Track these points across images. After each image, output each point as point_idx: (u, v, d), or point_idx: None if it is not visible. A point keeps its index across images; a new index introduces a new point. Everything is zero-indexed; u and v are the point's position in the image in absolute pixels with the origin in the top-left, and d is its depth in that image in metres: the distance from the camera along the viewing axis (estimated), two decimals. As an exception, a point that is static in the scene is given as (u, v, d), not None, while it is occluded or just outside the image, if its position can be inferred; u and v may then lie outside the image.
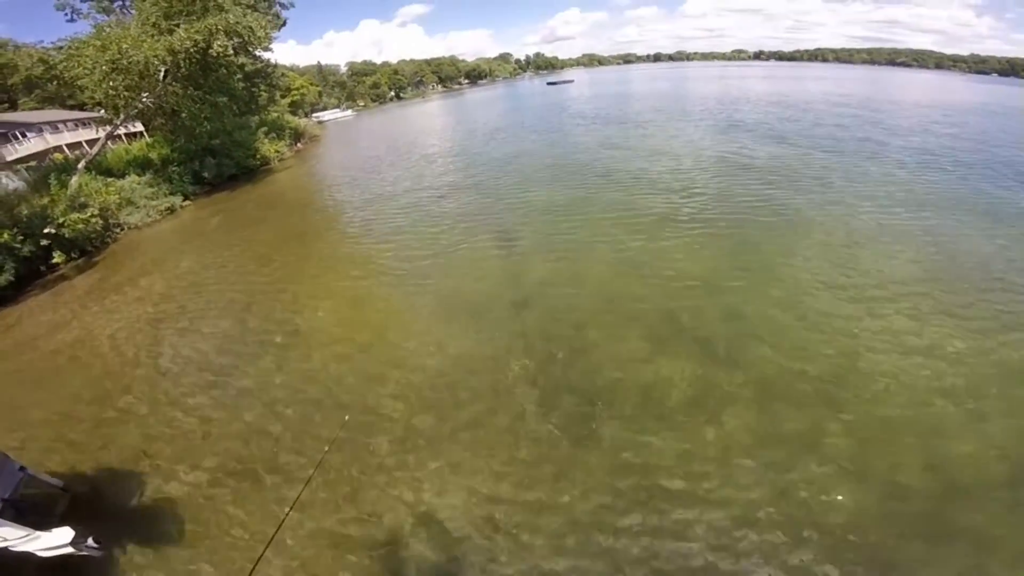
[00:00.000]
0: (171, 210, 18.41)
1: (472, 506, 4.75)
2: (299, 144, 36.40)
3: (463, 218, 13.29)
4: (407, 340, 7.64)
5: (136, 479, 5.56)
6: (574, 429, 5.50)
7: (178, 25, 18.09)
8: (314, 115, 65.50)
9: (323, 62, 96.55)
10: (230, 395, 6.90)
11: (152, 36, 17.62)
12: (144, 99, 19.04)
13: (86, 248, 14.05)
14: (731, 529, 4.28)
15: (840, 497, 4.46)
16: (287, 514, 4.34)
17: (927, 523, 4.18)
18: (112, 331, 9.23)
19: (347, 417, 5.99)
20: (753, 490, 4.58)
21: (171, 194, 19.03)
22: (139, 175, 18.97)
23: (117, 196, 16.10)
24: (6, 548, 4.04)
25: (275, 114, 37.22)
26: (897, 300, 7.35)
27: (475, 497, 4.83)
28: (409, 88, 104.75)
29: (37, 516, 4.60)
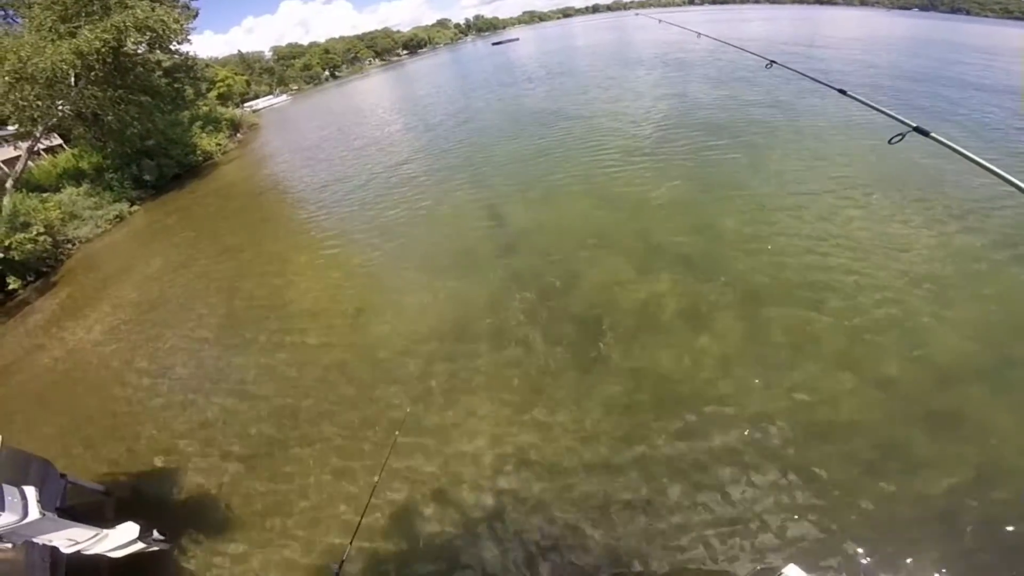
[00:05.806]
0: (120, 218, 17.31)
1: (504, 445, 4.84)
2: (239, 134, 34.77)
3: (433, 180, 13.21)
4: (402, 298, 7.75)
5: (171, 475, 5.58)
6: (583, 354, 5.75)
7: (79, 27, 16.64)
8: (246, 104, 61.31)
9: (244, 50, 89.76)
10: (237, 380, 6.87)
11: (52, 41, 16.16)
12: (60, 107, 17.55)
13: (41, 269, 13.14)
14: (749, 430, 4.45)
15: (842, 394, 4.63)
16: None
17: (927, 415, 4.35)
18: (97, 341, 8.89)
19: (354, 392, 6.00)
20: (760, 392, 4.82)
21: (115, 202, 17.80)
22: (75, 187, 17.54)
23: (59, 211, 14.88)
24: (79, 551, 4.10)
25: (206, 108, 34.88)
26: (853, 206, 7.90)
27: (504, 436, 4.94)
28: (344, 66, 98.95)
29: (90, 522, 4.64)
